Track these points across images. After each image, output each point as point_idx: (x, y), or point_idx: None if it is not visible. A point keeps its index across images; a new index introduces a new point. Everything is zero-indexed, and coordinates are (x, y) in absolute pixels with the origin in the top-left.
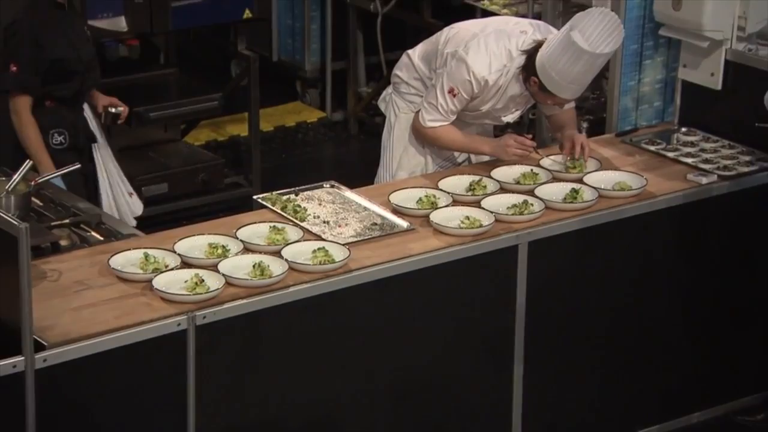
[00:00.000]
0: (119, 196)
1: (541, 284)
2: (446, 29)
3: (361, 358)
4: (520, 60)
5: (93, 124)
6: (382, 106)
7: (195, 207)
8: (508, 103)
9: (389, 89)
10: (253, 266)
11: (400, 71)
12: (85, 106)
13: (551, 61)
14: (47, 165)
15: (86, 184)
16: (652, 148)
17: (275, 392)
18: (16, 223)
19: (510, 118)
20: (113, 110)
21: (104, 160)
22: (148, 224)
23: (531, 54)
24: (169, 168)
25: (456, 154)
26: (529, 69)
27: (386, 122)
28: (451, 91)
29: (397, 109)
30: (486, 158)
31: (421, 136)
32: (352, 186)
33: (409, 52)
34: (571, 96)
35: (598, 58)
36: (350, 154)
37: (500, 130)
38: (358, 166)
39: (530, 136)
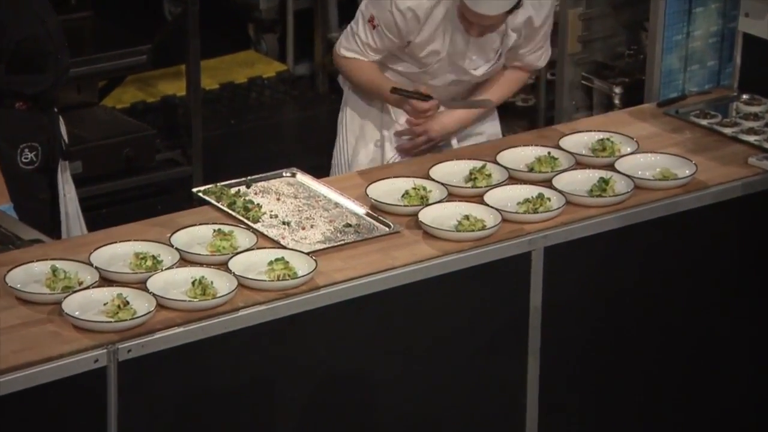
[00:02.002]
0: (75, 232)
1: (560, 302)
2: None
3: (330, 398)
4: None
5: (65, 133)
6: (340, 79)
7: (117, 192)
8: (462, 48)
9: None
10: (193, 283)
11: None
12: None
13: None
14: None
15: (51, 215)
16: (704, 122)
17: None
18: None
19: (479, 70)
20: None
21: (66, 183)
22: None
23: None
24: (83, 141)
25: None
26: None
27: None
28: (371, 20)
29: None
30: (484, 137)
31: (335, 64)
32: (321, 165)
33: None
34: (486, 11)
35: None
36: (319, 119)
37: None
38: (329, 134)
39: (428, 106)
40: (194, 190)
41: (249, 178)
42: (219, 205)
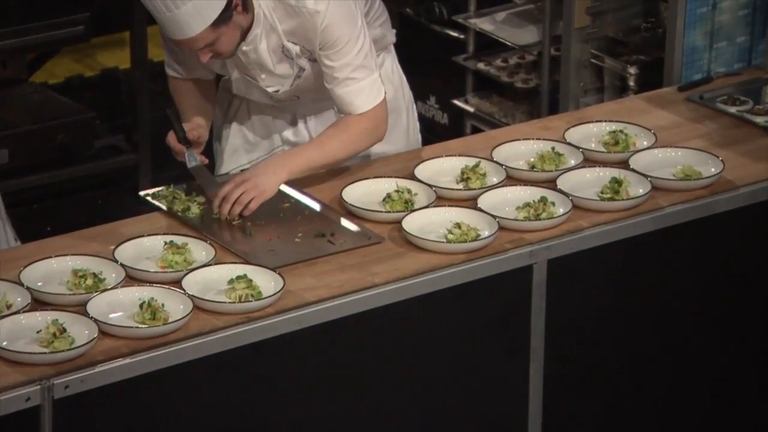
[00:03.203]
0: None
1: (566, 322)
2: None
3: None
4: None
5: None
6: None
7: (50, 185)
8: (243, 66)
9: None
10: (141, 305)
11: None
12: None
13: None
14: None
15: None
16: (733, 109)
17: None
18: None
19: (280, 89)
20: None
21: None
22: None
23: None
24: (9, 125)
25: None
26: None
27: None
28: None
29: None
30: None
31: None
32: None
33: None
34: (172, 35)
35: None
36: None
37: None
38: None
39: (173, 146)
40: (141, 193)
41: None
42: (171, 210)
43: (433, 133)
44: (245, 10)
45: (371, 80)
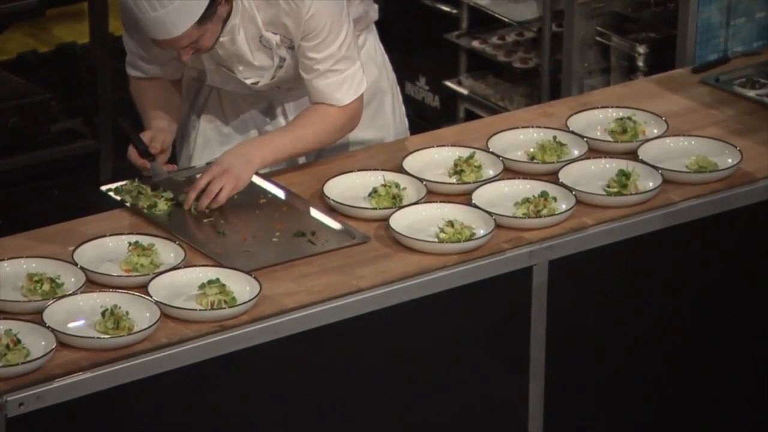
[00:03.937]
0: None
1: (569, 327)
2: None
3: None
4: None
5: None
6: None
7: (2, 174)
8: (219, 58)
9: None
10: (103, 314)
11: None
12: None
13: None
14: None
15: None
16: (752, 93)
17: None
18: None
19: (260, 81)
20: None
21: None
22: None
23: None
24: None
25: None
26: None
27: None
28: (123, 20)
29: None
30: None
31: None
32: None
33: None
34: (155, 35)
35: None
36: None
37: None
38: None
39: (135, 160)
40: (103, 188)
41: (173, 171)
42: (136, 207)
43: (423, 117)
44: (227, 1)
45: (353, 71)
